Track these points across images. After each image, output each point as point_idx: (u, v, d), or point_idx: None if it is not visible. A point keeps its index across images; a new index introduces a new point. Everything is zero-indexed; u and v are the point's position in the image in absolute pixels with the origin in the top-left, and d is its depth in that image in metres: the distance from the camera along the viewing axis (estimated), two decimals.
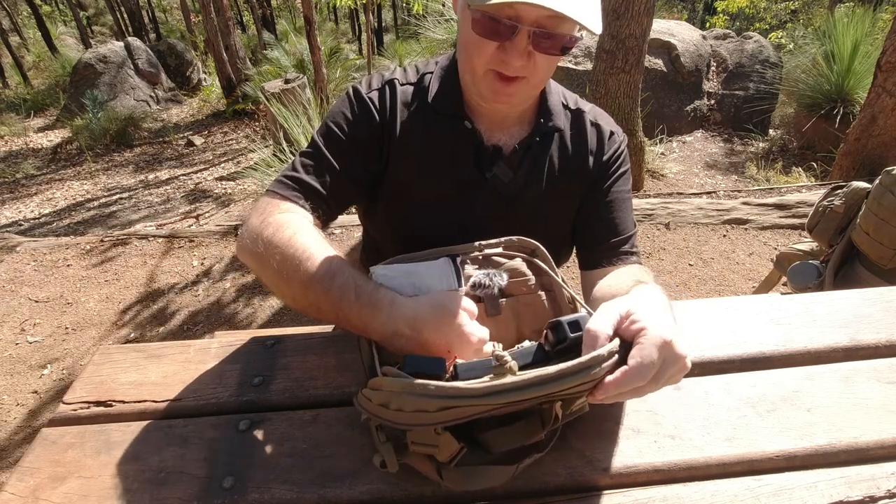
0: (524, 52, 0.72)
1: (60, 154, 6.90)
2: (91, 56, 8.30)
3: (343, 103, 0.89)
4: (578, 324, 0.58)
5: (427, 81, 0.90)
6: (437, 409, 0.51)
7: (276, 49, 8.20)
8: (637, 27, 3.78)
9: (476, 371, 0.55)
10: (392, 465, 0.59)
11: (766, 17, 12.66)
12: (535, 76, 0.77)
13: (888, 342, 0.85)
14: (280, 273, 0.70)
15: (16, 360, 2.55)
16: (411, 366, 0.55)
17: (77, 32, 15.20)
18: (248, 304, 2.89)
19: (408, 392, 0.51)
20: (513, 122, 0.89)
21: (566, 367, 0.51)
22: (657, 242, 3.28)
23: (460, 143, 0.87)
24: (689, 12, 17.74)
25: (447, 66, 0.90)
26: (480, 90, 0.80)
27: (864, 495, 0.63)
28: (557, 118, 0.90)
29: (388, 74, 0.91)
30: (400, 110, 0.88)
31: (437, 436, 0.55)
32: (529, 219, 0.90)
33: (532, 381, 0.50)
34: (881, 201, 1.57)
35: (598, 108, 0.97)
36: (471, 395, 0.50)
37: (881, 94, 3.82)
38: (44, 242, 3.52)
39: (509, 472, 0.61)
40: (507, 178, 0.88)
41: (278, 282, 0.71)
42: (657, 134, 5.60)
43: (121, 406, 0.76)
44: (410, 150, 0.88)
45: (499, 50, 0.74)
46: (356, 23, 17.67)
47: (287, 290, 0.71)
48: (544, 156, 0.90)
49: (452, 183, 0.88)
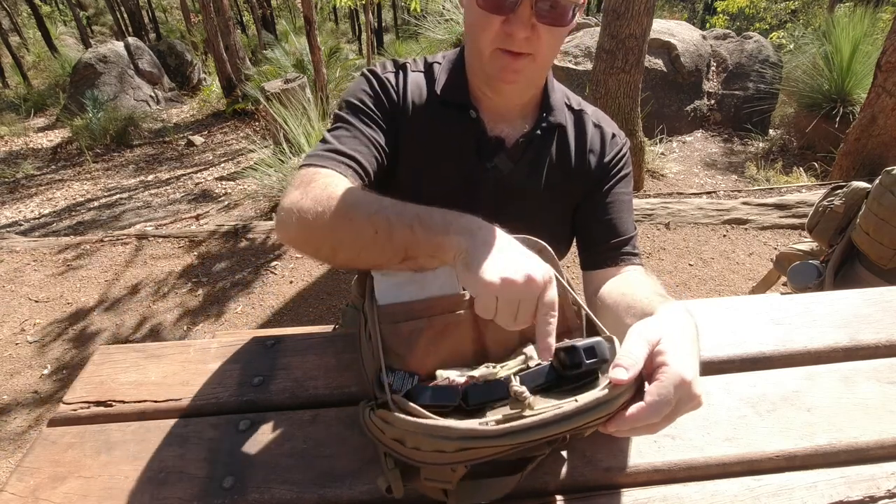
0: (528, 23, 0.74)
1: (60, 154, 6.90)
2: (91, 56, 8.30)
3: (361, 82, 0.89)
4: (594, 350, 0.56)
5: (435, 71, 0.91)
6: (455, 449, 0.50)
7: (276, 49, 8.20)
8: (637, 27, 3.77)
9: (488, 395, 0.53)
10: (398, 491, 0.57)
11: (766, 17, 12.66)
12: (540, 52, 0.78)
13: (888, 342, 0.85)
14: (340, 221, 0.65)
15: (16, 360, 2.55)
16: (422, 397, 0.54)
17: (77, 32, 15.20)
18: (248, 304, 2.89)
19: (424, 433, 0.50)
20: (516, 114, 0.90)
21: (585, 403, 0.50)
22: (657, 242, 3.27)
23: (464, 133, 0.88)
24: (689, 12, 17.75)
25: (454, 58, 0.92)
26: (488, 70, 0.81)
27: (864, 495, 0.63)
28: (560, 114, 0.91)
29: (401, 60, 0.93)
30: (412, 94, 0.89)
31: (453, 472, 0.54)
32: (527, 213, 0.91)
33: (552, 419, 0.49)
34: (881, 201, 1.57)
35: (601, 112, 0.98)
36: (491, 435, 0.49)
37: (881, 94, 3.82)
38: (44, 242, 3.52)
39: (513, 482, 0.61)
40: (506, 170, 0.88)
41: (336, 231, 0.65)
42: (657, 134, 5.60)
43: (121, 406, 0.76)
44: (416, 137, 0.88)
45: (503, 25, 0.75)
46: (356, 23, 17.68)
47: (349, 235, 0.65)
48: (545, 150, 0.91)
49: (454, 172, 0.89)
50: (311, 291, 2.98)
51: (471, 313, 0.67)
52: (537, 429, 0.49)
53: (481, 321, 0.68)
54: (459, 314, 0.67)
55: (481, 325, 0.68)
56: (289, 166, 4.00)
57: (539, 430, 0.49)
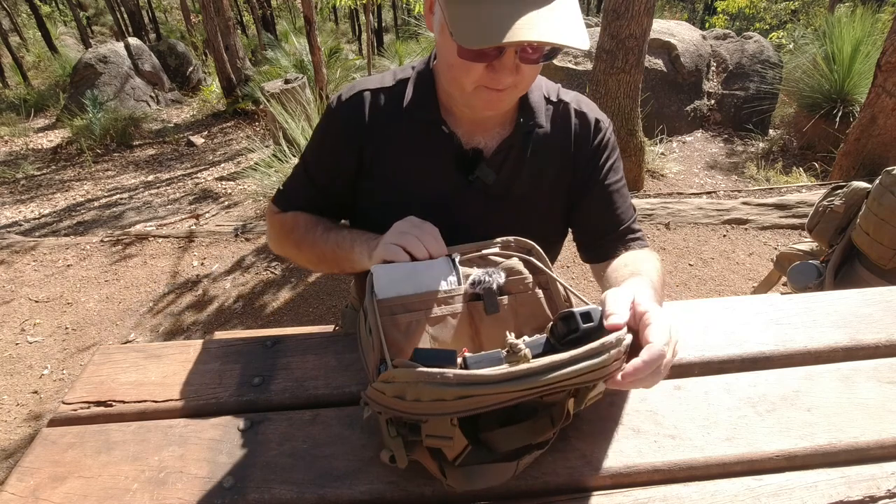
0: (513, 68, 0.72)
1: (61, 154, 6.90)
2: (91, 56, 8.29)
3: (322, 119, 0.94)
4: (590, 315, 0.58)
5: (403, 88, 0.89)
6: (454, 397, 0.51)
7: (276, 49, 8.20)
8: (637, 27, 3.78)
9: (486, 363, 0.55)
10: (402, 461, 0.59)
11: (766, 17, 12.65)
12: (523, 83, 0.77)
13: (888, 342, 0.85)
14: (297, 250, 0.95)
15: (16, 360, 2.55)
16: (422, 358, 0.55)
17: (77, 32, 15.20)
18: (248, 304, 2.89)
19: (424, 381, 0.51)
20: (494, 123, 0.88)
21: (578, 351, 0.53)
22: (657, 242, 3.27)
23: (439, 149, 0.87)
24: (689, 12, 17.75)
25: (423, 70, 0.89)
26: (471, 104, 0.80)
27: (864, 495, 0.63)
28: (539, 115, 0.89)
29: (361, 83, 0.90)
30: (373, 120, 0.88)
31: (453, 427, 0.55)
32: (519, 216, 0.91)
33: (547, 366, 0.51)
34: (881, 201, 1.57)
35: (582, 97, 0.96)
36: (489, 381, 0.51)
37: (881, 94, 3.81)
38: (44, 242, 3.52)
39: (510, 470, 0.62)
40: (490, 179, 0.87)
41: (299, 255, 0.96)
42: (657, 134, 5.60)
43: (121, 406, 0.76)
44: (390, 158, 0.88)
45: (487, 69, 0.73)
46: (356, 23, 17.68)
47: (305, 257, 0.94)
48: (528, 155, 0.89)
49: (436, 188, 0.88)
50: (311, 291, 2.98)
51: (466, 311, 0.70)
52: (534, 375, 0.51)
53: (477, 319, 0.70)
54: (455, 307, 0.70)
55: (477, 321, 0.70)
56: (289, 166, 4.00)
57: (536, 377, 0.51)
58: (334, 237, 0.88)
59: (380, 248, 0.76)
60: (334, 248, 0.87)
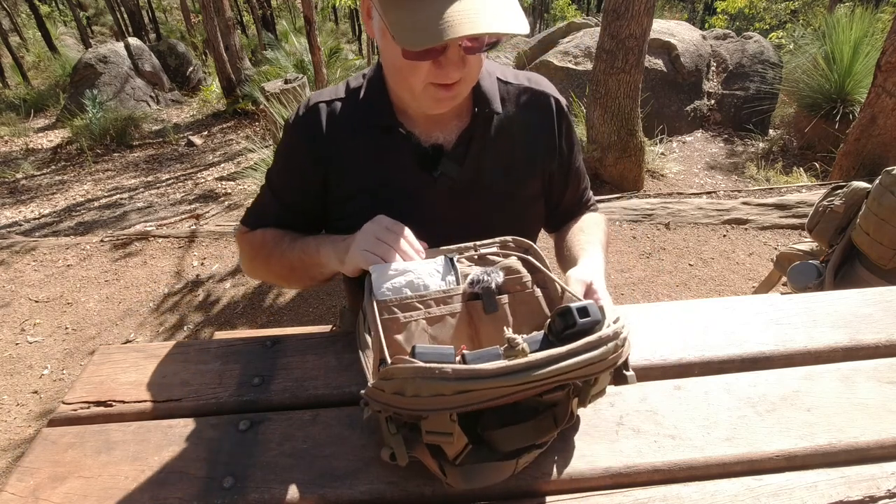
0: (459, 62, 0.73)
1: (61, 154, 6.90)
2: (91, 56, 8.29)
3: (283, 137, 0.94)
4: (587, 310, 0.58)
5: (357, 96, 0.90)
6: (453, 392, 0.51)
7: (276, 49, 8.20)
8: (637, 27, 3.78)
9: (484, 359, 0.55)
10: (402, 458, 0.59)
11: (765, 17, 12.65)
12: (471, 74, 0.77)
13: (888, 342, 0.85)
14: (266, 265, 0.95)
15: (16, 360, 2.55)
16: (421, 355, 0.55)
17: (77, 32, 15.20)
18: (248, 304, 2.89)
19: (423, 376, 0.52)
20: (450, 117, 0.88)
21: (575, 345, 0.54)
22: (657, 242, 3.28)
23: (399, 151, 0.87)
24: (689, 12, 17.75)
25: (374, 76, 0.90)
26: (422, 104, 0.80)
27: (864, 495, 0.63)
28: (494, 101, 0.89)
29: (315, 97, 0.91)
30: (331, 131, 0.88)
31: (453, 423, 0.56)
32: (495, 204, 0.91)
33: (545, 359, 0.52)
34: (881, 201, 1.57)
35: (533, 73, 0.96)
36: (486, 375, 0.51)
37: (881, 94, 3.81)
38: (44, 242, 3.52)
39: (510, 469, 0.62)
40: (455, 173, 0.87)
41: (269, 272, 0.97)
42: (657, 134, 5.59)
43: (121, 406, 0.76)
44: (354, 166, 0.88)
45: (434, 66, 0.73)
46: (356, 23, 17.67)
47: (275, 271, 0.95)
48: (488, 142, 0.89)
49: (403, 189, 0.88)
50: (311, 291, 2.98)
51: (465, 310, 0.71)
52: (532, 369, 0.52)
53: (476, 318, 0.71)
54: (454, 307, 0.70)
55: (476, 320, 0.70)
56: None
57: (534, 371, 0.52)
58: (300, 245, 0.89)
59: (354, 255, 0.76)
60: (300, 255, 0.88)
